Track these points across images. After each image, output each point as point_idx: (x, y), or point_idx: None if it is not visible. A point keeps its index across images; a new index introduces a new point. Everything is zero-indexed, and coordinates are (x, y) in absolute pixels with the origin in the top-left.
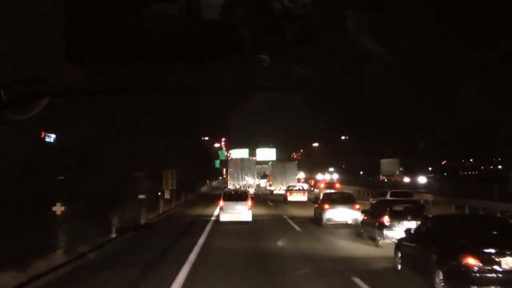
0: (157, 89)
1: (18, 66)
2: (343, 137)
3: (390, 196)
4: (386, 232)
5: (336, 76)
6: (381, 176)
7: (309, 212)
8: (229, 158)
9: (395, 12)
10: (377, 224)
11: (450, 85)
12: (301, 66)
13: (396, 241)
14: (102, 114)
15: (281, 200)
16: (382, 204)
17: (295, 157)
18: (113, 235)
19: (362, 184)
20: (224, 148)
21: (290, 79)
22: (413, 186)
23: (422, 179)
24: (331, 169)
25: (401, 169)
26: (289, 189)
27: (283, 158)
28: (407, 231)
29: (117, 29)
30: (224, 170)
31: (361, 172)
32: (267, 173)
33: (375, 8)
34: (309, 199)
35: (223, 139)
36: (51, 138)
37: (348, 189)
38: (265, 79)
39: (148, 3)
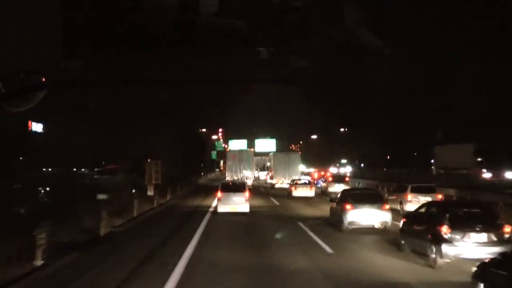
0: (154, 81)
1: (15, 59)
2: (342, 130)
3: (411, 191)
4: (445, 248)
5: (333, 68)
6: (434, 168)
7: (321, 211)
8: (227, 150)
9: (395, 3)
10: (429, 235)
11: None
12: (299, 58)
13: (477, 268)
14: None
15: (285, 195)
16: (436, 206)
17: (294, 149)
18: (38, 263)
19: (381, 178)
20: (221, 139)
21: (288, 71)
22: (500, 184)
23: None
24: (344, 161)
25: (479, 159)
26: (294, 183)
27: (284, 149)
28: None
29: (115, 21)
30: (222, 162)
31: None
32: (268, 165)
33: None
34: (316, 194)
35: (220, 130)
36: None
37: (361, 184)
38: (263, 71)
39: None
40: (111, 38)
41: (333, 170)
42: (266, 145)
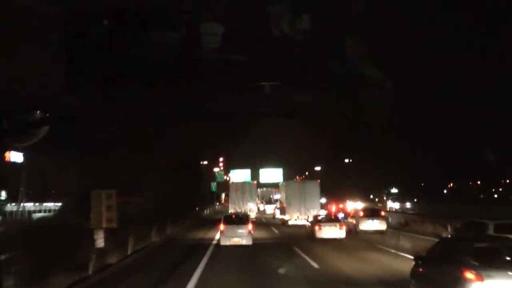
0: (157, 116)
1: (17, 94)
2: (346, 160)
3: (495, 230)
4: None
5: (335, 102)
6: None
7: (371, 265)
8: (230, 183)
9: (396, 37)
10: None
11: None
12: (301, 92)
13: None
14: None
15: (302, 235)
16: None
17: (299, 180)
18: None
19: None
20: (222, 169)
21: (290, 105)
22: None
23: None
24: (394, 190)
25: None
26: (318, 221)
27: (291, 180)
28: None
29: (118, 57)
30: (223, 195)
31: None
32: (276, 197)
33: (375, 34)
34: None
35: (220, 159)
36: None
37: (401, 217)
38: (265, 105)
39: (149, 31)
40: (113, 73)
41: (352, 204)
42: (272, 175)
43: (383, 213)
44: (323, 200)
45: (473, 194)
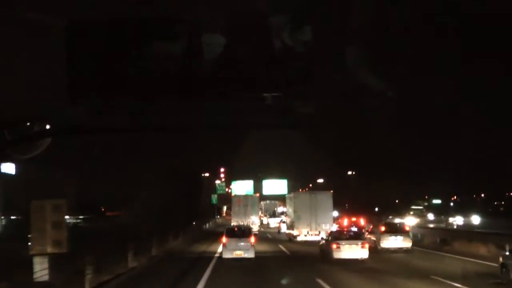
0: (158, 127)
1: (20, 106)
2: (349, 173)
3: None
4: None
5: (337, 112)
6: None
7: None
8: (232, 195)
9: (397, 47)
10: None
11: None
12: (302, 103)
13: None
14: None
15: (316, 254)
16: None
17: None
18: None
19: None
20: (223, 180)
21: (291, 116)
22: None
23: None
24: (420, 207)
25: None
26: (336, 238)
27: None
28: None
29: (119, 69)
30: (225, 207)
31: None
32: (280, 210)
33: (375, 44)
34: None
35: (221, 170)
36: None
37: (436, 234)
38: (267, 116)
39: (150, 43)
40: (114, 85)
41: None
42: (275, 186)
43: (407, 228)
44: (336, 214)
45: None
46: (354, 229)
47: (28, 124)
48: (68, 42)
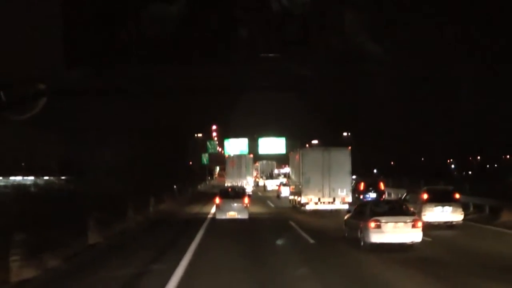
0: (155, 90)
1: (16, 67)
2: (344, 134)
3: None
4: None
5: (333, 76)
6: None
7: None
8: (226, 156)
9: (396, 11)
10: None
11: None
12: (299, 66)
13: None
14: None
15: (334, 230)
16: None
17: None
18: None
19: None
20: (216, 139)
21: (289, 78)
22: None
23: None
24: None
25: None
26: (374, 212)
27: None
28: None
29: (115, 30)
30: (218, 169)
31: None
32: (279, 171)
33: (375, 7)
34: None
35: (214, 128)
36: None
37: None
38: (264, 79)
39: (146, 5)
40: (112, 47)
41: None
42: (272, 145)
43: (457, 196)
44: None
45: None
46: (373, 195)
47: (24, 84)
48: (64, 3)
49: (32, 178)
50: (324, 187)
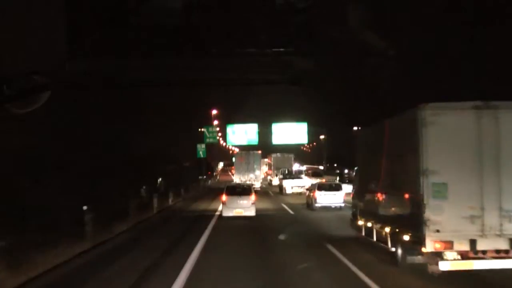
0: (157, 83)
1: (19, 60)
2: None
3: None
4: None
5: (337, 69)
6: None
7: None
8: (235, 152)
9: (398, 5)
10: None
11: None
12: (303, 59)
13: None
14: None
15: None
16: None
17: (308, 150)
18: None
19: None
20: (217, 128)
21: (291, 72)
22: None
23: None
24: None
25: None
26: None
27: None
28: None
29: (117, 24)
30: (221, 164)
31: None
32: (296, 167)
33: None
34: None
35: (213, 112)
36: None
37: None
38: (267, 72)
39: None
40: (114, 40)
41: None
42: (291, 132)
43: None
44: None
45: None
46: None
47: (27, 78)
48: None
49: None
50: (486, 208)
